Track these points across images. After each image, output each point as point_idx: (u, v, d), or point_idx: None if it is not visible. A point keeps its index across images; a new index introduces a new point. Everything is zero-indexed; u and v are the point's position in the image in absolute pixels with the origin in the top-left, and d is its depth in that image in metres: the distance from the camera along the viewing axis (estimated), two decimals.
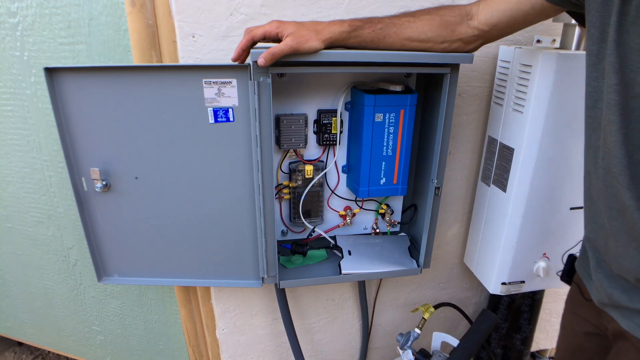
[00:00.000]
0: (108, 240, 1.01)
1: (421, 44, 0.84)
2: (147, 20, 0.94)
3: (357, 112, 1.01)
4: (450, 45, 0.85)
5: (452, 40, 0.84)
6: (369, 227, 1.21)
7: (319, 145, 1.07)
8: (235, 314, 1.28)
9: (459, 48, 0.86)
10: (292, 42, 0.76)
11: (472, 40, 0.85)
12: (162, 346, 1.50)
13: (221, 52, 0.95)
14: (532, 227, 1.09)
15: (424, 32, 0.83)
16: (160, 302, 1.39)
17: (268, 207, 0.94)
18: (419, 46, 0.84)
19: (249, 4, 0.92)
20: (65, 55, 1.06)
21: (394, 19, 0.83)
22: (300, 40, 0.76)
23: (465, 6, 0.84)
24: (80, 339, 1.61)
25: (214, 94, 0.86)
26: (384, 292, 1.39)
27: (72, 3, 0.99)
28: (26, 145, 1.22)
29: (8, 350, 2.01)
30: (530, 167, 1.02)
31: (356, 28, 0.80)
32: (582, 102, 0.98)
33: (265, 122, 0.86)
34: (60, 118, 0.88)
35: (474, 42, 0.85)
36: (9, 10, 1.04)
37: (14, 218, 1.38)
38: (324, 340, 1.43)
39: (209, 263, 1.03)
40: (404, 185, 1.08)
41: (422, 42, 0.84)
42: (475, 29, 0.83)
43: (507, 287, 1.17)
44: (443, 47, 0.85)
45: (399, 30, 0.82)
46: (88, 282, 1.43)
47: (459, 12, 0.84)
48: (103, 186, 0.93)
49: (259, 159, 0.89)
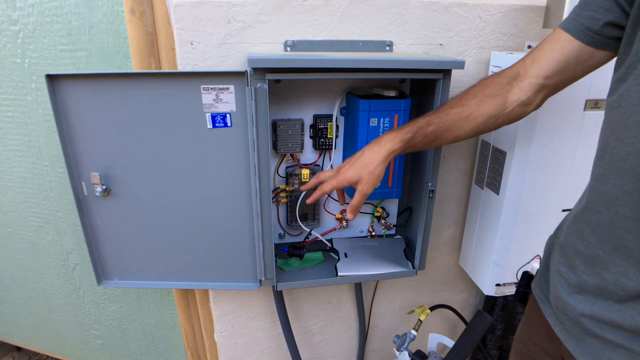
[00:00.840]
0: (108, 244, 1.02)
1: (477, 131, 0.83)
2: (147, 28, 0.96)
3: (352, 117, 1.03)
4: (508, 116, 0.81)
5: (507, 113, 0.80)
6: (365, 230, 1.23)
7: (315, 149, 1.09)
8: (234, 316, 1.29)
9: (521, 113, 0.81)
10: (366, 192, 0.84)
11: (531, 99, 0.79)
12: (161, 350, 1.51)
13: (219, 59, 0.97)
14: (525, 229, 1.11)
15: (475, 121, 0.81)
16: (158, 306, 1.40)
17: (265, 211, 0.96)
18: (476, 133, 0.84)
19: (246, 12, 0.94)
20: (65, 62, 1.07)
21: (442, 116, 0.82)
22: (370, 189, 0.84)
23: (510, 69, 0.80)
24: (79, 343, 1.62)
25: (212, 100, 0.88)
26: (381, 295, 1.40)
27: (73, 11, 1.01)
28: (26, 151, 1.23)
29: (7, 355, 2.02)
30: (522, 170, 1.04)
31: (408, 141, 0.82)
32: (572, 106, 1.01)
33: (262, 127, 0.88)
34: (61, 123, 0.90)
35: (535, 99, 0.79)
36: (10, 18, 1.06)
37: (14, 223, 1.39)
38: (321, 342, 1.44)
39: (207, 266, 1.05)
40: (399, 189, 1.10)
41: (478, 130, 0.82)
42: (529, 88, 0.78)
43: (501, 289, 1.19)
44: (501, 122, 0.82)
45: (451, 126, 0.82)
46: (87, 286, 1.44)
47: (506, 79, 0.79)
48: (103, 190, 0.94)
49: (256, 163, 0.91)
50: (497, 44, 1.10)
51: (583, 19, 0.69)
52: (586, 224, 0.66)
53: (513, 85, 0.79)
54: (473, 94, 0.81)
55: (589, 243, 0.66)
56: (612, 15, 0.64)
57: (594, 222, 0.65)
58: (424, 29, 1.05)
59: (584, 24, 0.69)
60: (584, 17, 0.68)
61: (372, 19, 1.01)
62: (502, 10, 1.07)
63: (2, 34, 1.08)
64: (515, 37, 1.10)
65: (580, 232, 0.68)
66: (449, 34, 1.07)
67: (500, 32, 1.09)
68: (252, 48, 0.98)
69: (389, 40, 1.04)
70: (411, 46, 1.06)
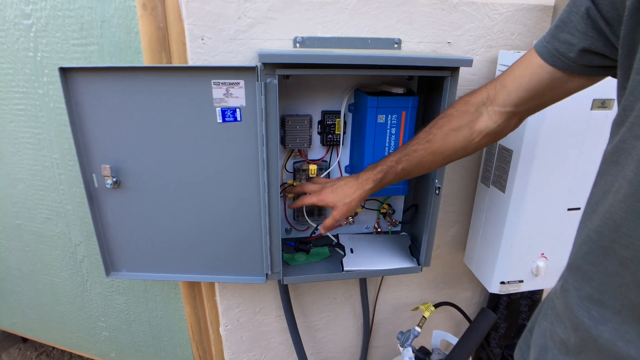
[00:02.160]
0: (117, 236, 1.04)
1: (448, 162, 0.84)
2: (158, 23, 0.97)
3: (360, 114, 1.03)
4: (477, 146, 0.80)
5: (475, 143, 0.79)
6: (370, 227, 1.24)
7: (322, 145, 1.10)
8: (239, 310, 1.30)
9: (492, 140, 0.80)
10: (338, 218, 0.94)
11: (503, 126, 0.76)
12: (167, 342, 1.52)
13: (229, 54, 0.98)
14: (530, 227, 1.11)
15: (442, 154, 0.81)
16: (165, 299, 1.41)
17: (273, 205, 0.97)
18: (447, 163, 0.85)
19: (256, 9, 0.96)
20: (77, 57, 1.09)
21: (409, 152, 0.84)
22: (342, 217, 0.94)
23: (479, 93, 0.76)
24: (85, 335, 1.64)
25: (222, 95, 0.89)
26: (385, 291, 1.41)
27: (85, 5, 1.02)
28: (37, 144, 1.25)
29: (13, 346, 2.04)
30: (528, 169, 1.04)
31: (380, 180, 0.88)
32: (579, 105, 1.01)
33: (271, 122, 0.89)
34: (73, 116, 0.91)
35: (508, 125, 0.76)
36: (23, 12, 1.07)
37: (23, 215, 1.41)
38: (325, 338, 1.45)
39: (215, 259, 1.06)
40: (405, 185, 1.11)
41: (448, 161, 0.83)
42: (499, 117, 0.75)
43: (506, 287, 1.19)
44: (472, 151, 0.81)
45: (420, 162, 0.84)
46: (95, 278, 1.45)
47: (473, 107, 0.76)
48: (113, 183, 0.95)
49: (264, 157, 0.92)
50: (505, 43, 1.11)
51: (558, 42, 0.62)
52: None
53: (482, 112, 0.76)
54: (439, 126, 0.81)
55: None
56: (587, 41, 0.57)
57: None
58: (432, 27, 1.06)
59: (558, 49, 0.62)
60: (560, 41, 0.62)
61: (381, 17, 1.02)
62: (510, 9, 1.07)
63: (15, 28, 1.09)
64: (523, 36, 1.11)
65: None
66: (457, 33, 1.07)
67: (509, 31, 1.10)
68: (261, 44, 0.99)
69: (397, 38, 1.04)
70: (419, 44, 1.07)
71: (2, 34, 1.12)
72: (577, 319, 0.56)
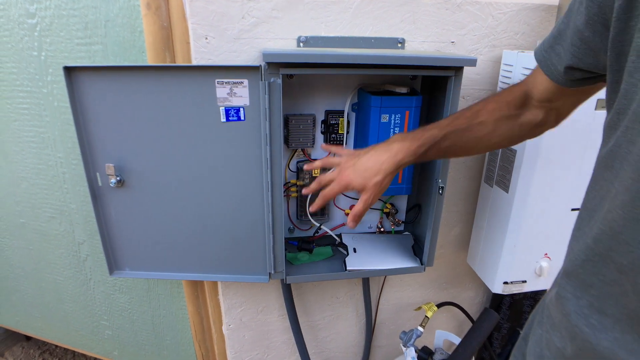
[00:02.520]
0: (120, 235, 1.04)
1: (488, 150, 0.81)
2: (162, 23, 0.98)
3: (364, 113, 1.03)
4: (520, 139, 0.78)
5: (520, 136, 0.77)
6: (373, 226, 1.24)
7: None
8: (242, 309, 1.30)
9: (535, 134, 0.77)
10: (371, 202, 0.78)
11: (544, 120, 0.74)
12: (169, 341, 1.53)
13: (233, 53, 0.98)
14: (534, 227, 1.11)
15: (489, 141, 0.77)
16: (168, 298, 1.42)
17: (277, 205, 0.97)
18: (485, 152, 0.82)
19: (260, 8, 0.96)
20: (81, 56, 1.09)
21: (459, 131, 0.76)
22: (375, 200, 0.79)
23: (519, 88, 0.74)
24: (88, 334, 1.64)
25: (226, 94, 0.89)
26: (388, 291, 1.41)
27: (90, 5, 1.03)
28: (41, 143, 1.25)
29: (16, 345, 2.05)
30: (531, 169, 1.04)
31: (421, 155, 0.77)
32: (583, 105, 1.01)
33: (275, 121, 0.89)
34: (78, 115, 0.91)
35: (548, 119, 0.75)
36: (27, 11, 1.07)
37: (27, 213, 1.41)
38: (328, 337, 1.45)
39: (218, 258, 1.06)
40: (409, 185, 1.11)
41: (489, 150, 0.79)
42: (538, 108, 0.73)
43: (509, 287, 1.19)
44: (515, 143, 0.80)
45: (466, 145, 0.78)
46: (98, 277, 1.46)
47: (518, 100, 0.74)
48: (117, 182, 0.96)
49: (268, 157, 0.92)
50: (509, 43, 1.11)
51: (554, 54, 0.61)
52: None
53: (526, 104, 0.75)
54: (489, 111, 0.76)
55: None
56: (571, 58, 0.57)
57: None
58: (436, 27, 1.05)
59: (552, 61, 0.62)
60: (556, 53, 0.61)
61: (385, 16, 1.02)
62: (514, 9, 1.07)
63: (19, 27, 1.10)
64: (527, 35, 1.11)
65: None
66: (460, 32, 1.07)
67: (512, 31, 1.09)
68: (265, 43, 0.99)
69: (401, 38, 1.04)
70: (423, 43, 1.07)
71: (6, 33, 1.12)
72: (575, 328, 0.55)
